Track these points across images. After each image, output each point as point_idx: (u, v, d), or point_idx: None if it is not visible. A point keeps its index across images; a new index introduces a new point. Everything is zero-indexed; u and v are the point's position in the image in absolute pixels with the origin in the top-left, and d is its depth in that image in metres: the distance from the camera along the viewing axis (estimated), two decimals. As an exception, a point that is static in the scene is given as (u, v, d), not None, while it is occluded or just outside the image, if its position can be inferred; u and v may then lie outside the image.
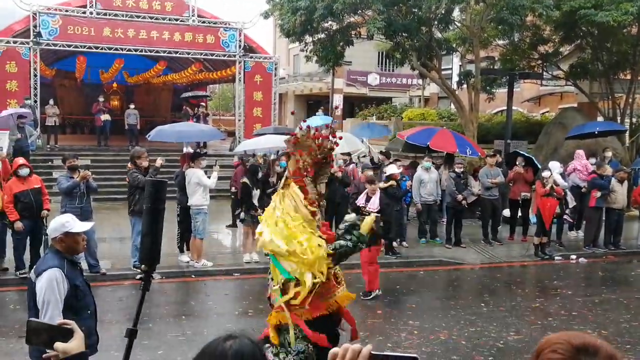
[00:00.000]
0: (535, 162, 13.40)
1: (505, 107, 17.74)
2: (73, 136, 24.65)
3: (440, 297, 9.15)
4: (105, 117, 21.25)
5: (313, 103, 36.59)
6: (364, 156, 14.55)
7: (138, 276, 9.27)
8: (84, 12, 19.72)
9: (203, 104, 27.31)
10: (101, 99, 21.96)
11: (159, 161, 9.64)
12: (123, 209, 14.87)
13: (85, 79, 25.98)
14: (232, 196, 13.18)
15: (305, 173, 4.09)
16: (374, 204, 8.97)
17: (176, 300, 8.74)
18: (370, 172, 11.01)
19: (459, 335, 7.28)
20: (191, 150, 14.49)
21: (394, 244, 11.64)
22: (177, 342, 6.88)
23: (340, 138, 4.25)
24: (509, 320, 7.92)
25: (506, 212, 13.64)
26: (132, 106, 22.24)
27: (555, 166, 12.64)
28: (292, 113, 24.70)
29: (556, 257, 11.70)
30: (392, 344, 6.84)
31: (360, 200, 9.13)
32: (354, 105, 33.51)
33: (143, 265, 2.51)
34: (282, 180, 4.23)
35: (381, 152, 14.68)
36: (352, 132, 17.10)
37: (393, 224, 10.96)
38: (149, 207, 2.48)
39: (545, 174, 11.64)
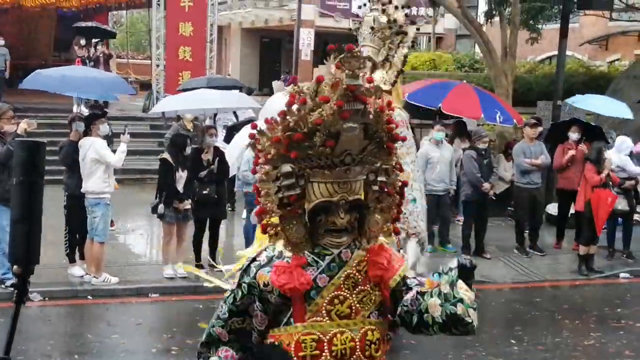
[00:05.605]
0: (606, 135, 13.38)
1: (555, 52, 17.78)
2: None
3: (452, 331, 9.33)
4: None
5: (269, 42, 36.28)
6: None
7: (8, 282, 9.32)
8: None
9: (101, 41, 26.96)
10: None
11: (23, 125, 9.36)
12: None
13: None
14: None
15: None
16: None
17: (65, 331, 8.82)
18: None
19: (476, 384, 7.52)
20: (85, 111, 14.45)
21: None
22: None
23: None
24: (551, 363, 8.19)
25: (552, 208, 13.78)
26: (0, 42, 22.07)
27: (623, 144, 12.68)
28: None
29: (622, 275, 12.02)
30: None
31: None
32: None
33: (15, 266, 2.53)
34: None
35: None
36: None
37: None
38: (20, 180, 2.47)
39: (606, 154, 11.83)
